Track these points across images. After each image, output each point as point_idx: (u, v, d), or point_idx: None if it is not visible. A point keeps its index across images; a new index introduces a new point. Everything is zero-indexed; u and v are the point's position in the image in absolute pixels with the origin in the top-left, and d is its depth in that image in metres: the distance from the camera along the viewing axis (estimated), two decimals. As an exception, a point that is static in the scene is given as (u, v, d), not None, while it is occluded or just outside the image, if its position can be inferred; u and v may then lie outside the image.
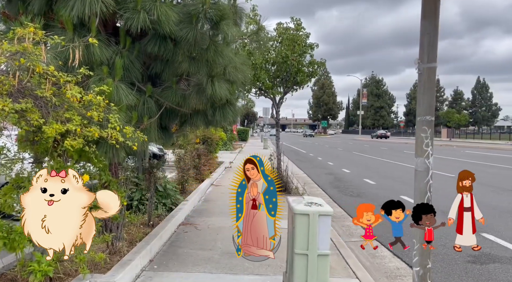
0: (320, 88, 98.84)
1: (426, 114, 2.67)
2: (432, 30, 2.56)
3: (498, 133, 65.93)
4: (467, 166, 17.85)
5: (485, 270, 4.88)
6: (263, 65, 8.92)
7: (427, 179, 2.80)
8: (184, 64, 4.43)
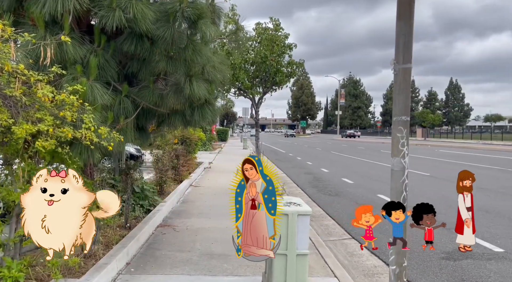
0: (299, 88, 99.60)
1: (401, 114, 2.71)
2: (407, 31, 2.60)
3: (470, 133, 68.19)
4: (442, 165, 18.37)
5: (458, 266, 5.01)
6: (242, 65, 8.91)
7: (403, 178, 2.85)
8: (162, 63, 4.36)
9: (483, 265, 5.05)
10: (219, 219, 6.99)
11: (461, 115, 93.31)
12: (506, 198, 9.44)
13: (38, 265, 3.84)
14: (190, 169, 12.05)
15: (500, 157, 23.43)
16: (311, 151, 30.46)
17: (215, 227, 6.44)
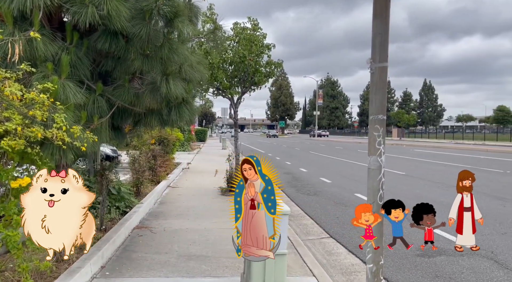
0: (278, 89, 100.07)
1: (378, 113, 2.74)
2: (383, 30, 2.63)
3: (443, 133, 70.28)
4: (416, 164, 18.83)
5: (432, 263, 5.13)
6: (220, 65, 8.85)
7: (379, 176, 2.88)
8: (137, 62, 4.27)
9: (456, 261, 5.18)
10: (197, 220, 6.92)
11: (435, 116, 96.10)
12: (476, 196, 9.74)
13: (7, 270, 3.69)
14: (168, 170, 11.90)
15: (470, 156, 24.22)
16: (290, 151, 30.64)
17: (194, 228, 6.37)
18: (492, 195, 9.80)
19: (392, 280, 4.60)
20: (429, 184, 11.92)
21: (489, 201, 8.95)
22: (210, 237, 5.87)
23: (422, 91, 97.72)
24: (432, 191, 10.47)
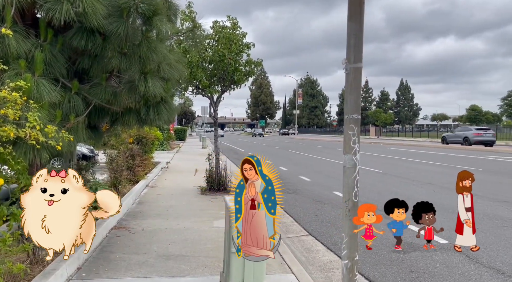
0: (258, 87, 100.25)
1: (353, 112, 2.80)
2: (357, 32, 2.69)
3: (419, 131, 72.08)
4: (393, 162, 19.25)
5: (407, 259, 5.27)
6: (199, 63, 8.80)
7: (354, 174, 2.93)
8: (115, 60, 4.21)
9: (430, 256, 5.34)
10: (177, 219, 6.88)
11: (411, 115, 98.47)
12: (449, 192, 10.06)
13: (-21, 274, 3.58)
14: (147, 169, 11.75)
15: (445, 154, 24.94)
16: (269, 150, 30.76)
17: (173, 228, 6.33)
18: (465, 192, 10.13)
19: (369, 275, 4.71)
20: (405, 182, 12.22)
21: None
22: (189, 236, 5.85)
23: (398, 90, 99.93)
24: (408, 188, 10.73)
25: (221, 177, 9.55)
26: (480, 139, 32.02)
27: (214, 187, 9.46)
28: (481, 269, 4.80)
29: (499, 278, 4.52)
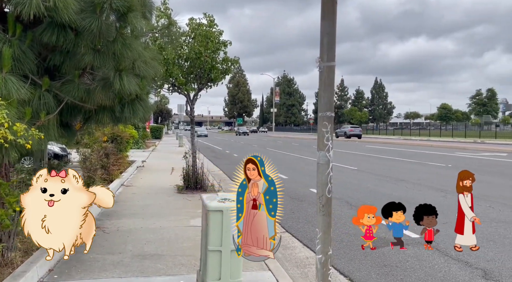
0: (235, 86, 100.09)
1: (326, 110, 2.85)
2: (330, 31, 2.74)
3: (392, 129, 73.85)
4: (368, 159, 19.67)
5: (381, 253, 5.41)
6: (176, 61, 8.71)
7: (328, 171, 2.98)
8: (88, 56, 4.11)
9: (402, 250, 5.49)
10: (152, 218, 6.80)
11: (385, 113, 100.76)
12: (421, 189, 10.39)
13: None
14: (122, 168, 11.55)
15: (417, 151, 25.68)
16: (247, 148, 30.79)
17: (149, 227, 6.26)
18: (435, 188, 10.48)
19: (344, 270, 4.81)
20: (379, 179, 12.51)
21: (432, 193, 9.57)
22: (166, 235, 5.80)
23: (373, 89, 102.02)
24: (382, 185, 10.99)
25: (198, 176, 9.50)
26: (353, 133, 48.26)
27: (191, 186, 9.40)
28: (450, 262, 4.99)
29: (467, 270, 4.71)
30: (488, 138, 41.10)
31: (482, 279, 4.44)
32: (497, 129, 56.42)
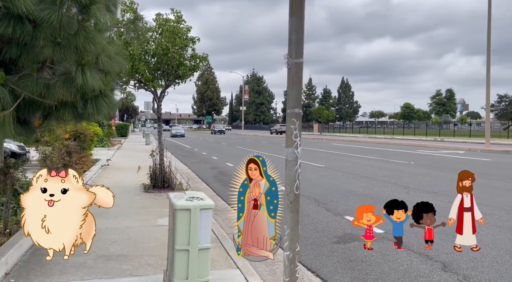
0: (204, 83, 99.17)
1: (294, 107, 2.87)
2: (298, 28, 2.75)
3: (358, 127, 75.83)
4: (334, 157, 20.07)
5: (347, 249, 5.54)
6: (142, 57, 8.49)
7: (296, 167, 3.01)
8: (48, 50, 3.91)
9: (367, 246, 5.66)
10: (118, 218, 6.60)
11: (351, 112, 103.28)
12: (386, 185, 10.72)
13: None
14: (85, 167, 11.15)
15: (381, 149, 26.50)
16: (216, 146, 30.61)
17: (114, 227, 6.08)
18: (398, 184, 10.86)
19: (311, 266, 4.88)
20: (346, 176, 12.80)
21: (395, 189, 9.90)
22: (132, 235, 5.65)
23: (340, 88, 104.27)
24: (348, 182, 11.25)
25: (165, 174, 9.33)
26: (282, 130, 53.11)
27: (158, 185, 9.22)
28: (412, 256, 5.17)
29: (427, 263, 4.91)
30: (447, 136, 43.07)
31: (442, 271, 4.64)
32: (455, 128, 59.29)
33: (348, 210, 7.70)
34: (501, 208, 7.90)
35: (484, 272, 4.56)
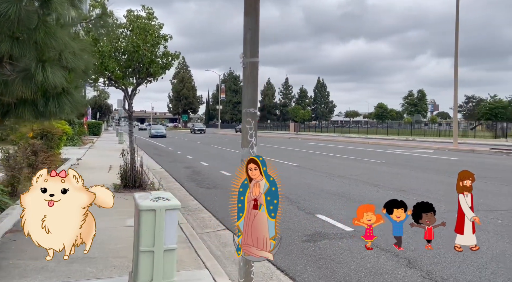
0: (180, 81, 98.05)
1: (250, 106, 2.84)
2: (253, 27, 2.73)
3: (333, 127, 76.96)
4: (309, 156, 20.27)
5: (317, 247, 5.59)
6: (112, 54, 8.29)
7: None
8: (5, 45, 3.75)
9: (337, 244, 5.73)
10: (85, 219, 6.42)
11: (327, 111, 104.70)
12: (358, 184, 10.91)
13: None
14: (53, 166, 10.78)
15: (355, 148, 26.98)
16: (191, 145, 30.34)
17: (80, 228, 5.90)
18: (369, 182, 11.07)
19: (281, 265, 4.89)
20: (319, 175, 12.94)
21: (366, 188, 10.09)
22: (98, 236, 5.39)
23: (316, 88, 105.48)
24: (321, 181, 11.38)
25: (136, 174, 9.15)
26: (197, 129, 59.77)
27: (129, 184, 9.04)
28: (379, 253, 5.28)
29: (393, 260, 5.02)
30: (418, 136, 44.31)
31: (406, 267, 4.76)
32: (426, 127, 61.10)
33: (319, 208, 7.79)
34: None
35: (446, 268, 4.70)
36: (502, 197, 9.04)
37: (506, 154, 20.94)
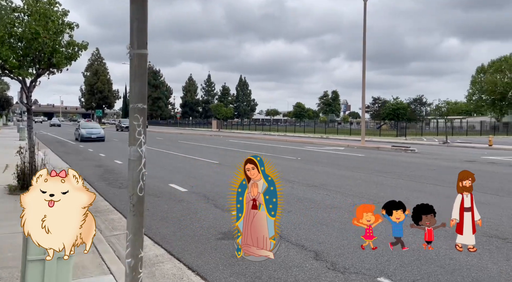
0: (94, 74, 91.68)
1: (138, 101, 2.69)
2: (140, 16, 2.59)
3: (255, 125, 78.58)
4: (230, 154, 20.37)
5: (230, 245, 5.59)
6: (6, 39, 7.37)
7: (140, 167, 2.85)
8: None
9: (250, 239, 5.80)
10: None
11: (249, 109, 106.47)
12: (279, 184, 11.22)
13: None
14: None
15: (274, 145, 27.81)
16: (108, 144, 28.55)
17: (-39, 238, 5.15)
18: (285, 179, 11.45)
19: (192, 265, 4.80)
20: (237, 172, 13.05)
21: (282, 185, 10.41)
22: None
23: (238, 86, 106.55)
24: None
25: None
26: (127, 125, 55.85)
27: (27, 185, 8.14)
28: (290, 247, 5.46)
29: (302, 253, 5.23)
30: (332, 134, 47.25)
31: (313, 260, 4.99)
32: (339, 126, 65.56)
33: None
34: (362, 197, 8.83)
35: (348, 258, 5.03)
36: (399, 189, 10.00)
37: (404, 150, 23.32)
